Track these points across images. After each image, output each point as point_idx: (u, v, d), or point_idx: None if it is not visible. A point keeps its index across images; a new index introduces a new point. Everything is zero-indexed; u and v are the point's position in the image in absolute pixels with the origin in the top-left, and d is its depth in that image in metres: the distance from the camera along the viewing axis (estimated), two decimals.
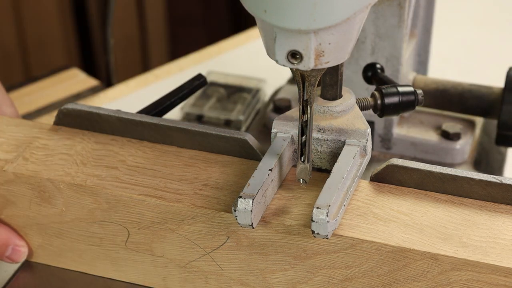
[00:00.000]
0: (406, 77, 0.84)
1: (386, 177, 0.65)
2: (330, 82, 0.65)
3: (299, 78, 0.59)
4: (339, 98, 0.66)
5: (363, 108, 0.70)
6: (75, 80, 1.16)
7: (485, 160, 0.87)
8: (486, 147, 0.88)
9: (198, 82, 0.75)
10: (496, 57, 1.21)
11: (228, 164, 0.68)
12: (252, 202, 0.59)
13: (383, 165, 0.65)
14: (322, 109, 0.65)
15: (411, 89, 0.71)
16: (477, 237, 0.60)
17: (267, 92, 1.07)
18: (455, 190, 0.64)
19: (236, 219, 0.60)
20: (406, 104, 0.70)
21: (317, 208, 0.58)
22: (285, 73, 0.91)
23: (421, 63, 0.89)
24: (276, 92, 0.96)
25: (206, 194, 0.64)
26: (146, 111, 0.73)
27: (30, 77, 1.43)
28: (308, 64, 0.56)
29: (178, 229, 0.65)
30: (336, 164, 0.63)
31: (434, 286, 0.60)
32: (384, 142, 0.85)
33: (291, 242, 0.62)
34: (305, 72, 0.58)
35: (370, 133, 0.64)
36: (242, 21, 2.20)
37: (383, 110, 0.70)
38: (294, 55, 0.56)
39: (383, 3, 0.77)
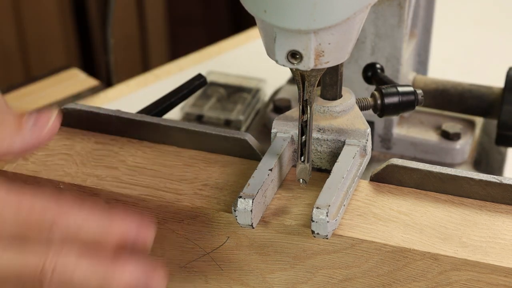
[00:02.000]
0: (406, 77, 0.84)
1: (386, 177, 0.65)
2: (330, 82, 0.65)
3: (299, 78, 0.59)
4: (339, 98, 0.66)
5: (363, 108, 0.70)
6: (75, 80, 1.16)
7: (485, 160, 0.87)
8: (486, 147, 0.88)
9: (198, 82, 0.75)
10: (496, 57, 1.21)
11: (228, 164, 0.68)
12: (252, 202, 0.59)
13: (383, 165, 0.65)
14: (322, 109, 0.65)
15: (411, 89, 0.71)
16: (477, 237, 0.60)
17: (267, 92, 1.07)
18: (455, 190, 0.64)
19: (236, 219, 0.60)
20: (406, 104, 0.70)
21: (317, 208, 0.58)
22: (285, 73, 0.91)
23: (421, 63, 0.89)
24: (276, 92, 0.96)
25: (206, 194, 0.64)
26: (146, 111, 0.73)
27: (30, 77, 1.43)
28: (308, 64, 0.56)
29: (178, 229, 0.65)
30: (336, 164, 0.63)
31: (434, 286, 0.60)
32: (384, 142, 0.85)
33: (291, 242, 0.62)
34: (305, 72, 0.58)
35: (370, 133, 0.64)
36: (242, 21, 2.20)
37: (383, 110, 0.70)
38: (294, 55, 0.56)
39: (383, 3, 0.77)
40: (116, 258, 0.55)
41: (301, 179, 0.62)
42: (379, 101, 0.70)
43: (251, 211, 0.59)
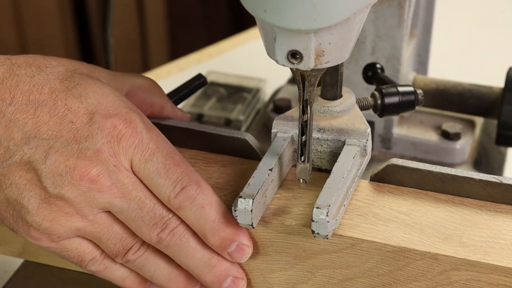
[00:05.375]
0: (406, 77, 0.84)
1: (386, 177, 0.65)
2: (330, 82, 0.65)
3: (299, 78, 0.59)
4: (339, 98, 0.66)
5: (363, 108, 0.70)
6: None
7: (485, 160, 0.87)
8: (486, 147, 0.88)
9: (198, 82, 0.75)
10: (496, 57, 1.21)
11: (228, 164, 0.68)
12: (252, 202, 0.59)
13: (383, 165, 0.65)
14: (322, 109, 0.65)
15: (411, 89, 0.71)
16: (477, 237, 0.60)
17: (267, 92, 1.07)
18: (455, 190, 0.64)
19: (236, 219, 0.60)
20: (406, 104, 0.70)
21: (317, 208, 0.58)
22: (285, 73, 0.91)
23: (421, 63, 0.89)
24: (276, 92, 0.96)
25: None
26: None
27: None
28: (308, 64, 0.56)
29: None
30: (336, 164, 0.63)
31: (434, 286, 0.60)
32: (384, 142, 0.85)
33: (291, 242, 0.62)
34: (305, 72, 0.58)
35: (370, 133, 0.64)
36: (242, 21, 2.20)
37: (383, 110, 0.70)
38: (294, 55, 0.56)
39: (383, 3, 0.77)
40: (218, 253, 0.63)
41: (301, 179, 0.62)
42: (379, 101, 0.70)
43: (251, 211, 0.59)
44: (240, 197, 0.59)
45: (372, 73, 0.79)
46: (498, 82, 0.87)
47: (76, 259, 0.62)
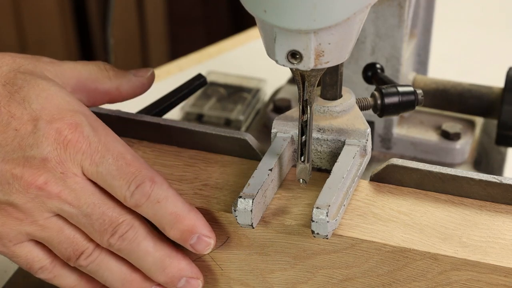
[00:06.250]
0: (406, 77, 0.84)
1: (386, 177, 0.65)
2: (330, 82, 0.65)
3: (299, 78, 0.59)
4: (339, 98, 0.66)
5: (363, 108, 0.70)
6: None
7: (485, 160, 0.87)
8: (486, 147, 0.88)
9: (198, 82, 0.75)
10: (496, 57, 1.21)
11: (228, 164, 0.68)
12: (252, 202, 0.59)
13: (383, 165, 0.65)
14: (322, 109, 0.65)
15: (411, 89, 0.71)
16: (477, 237, 0.60)
17: (267, 92, 1.07)
18: (455, 190, 0.64)
19: (236, 219, 0.60)
20: (406, 104, 0.70)
21: (317, 208, 0.58)
22: (285, 73, 0.91)
23: (421, 63, 0.89)
24: (276, 92, 0.96)
25: (206, 194, 0.64)
26: (146, 111, 0.73)
27: None
28: (308, 64, 0.56)
29: None
30: (336, 164, 0.63)
31: (434, 286, 0.60)
32: (384, 142, 0.85)
33: (291, 242, 0.62)
34: (305, 72, 0.58)
35: (370, 133, 0.64)
36: (242, 21, 2.20)
37: (383, 110, 0.70)
38: (294, 55, 0.56)
39: (383, 3, 0.77)
40: (176, 249, 0.62)
41: (301, 179, 0.62)
42: (379, 101, 0.70)
43: (251, 211, 0.59)
44: (240, 197, 0.59)
45: (372, 73, 0.79)
46: (498, 82, 0.87)
47: (26, 266, 0.62)
